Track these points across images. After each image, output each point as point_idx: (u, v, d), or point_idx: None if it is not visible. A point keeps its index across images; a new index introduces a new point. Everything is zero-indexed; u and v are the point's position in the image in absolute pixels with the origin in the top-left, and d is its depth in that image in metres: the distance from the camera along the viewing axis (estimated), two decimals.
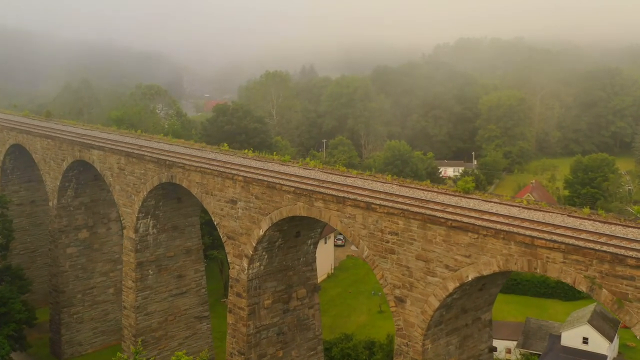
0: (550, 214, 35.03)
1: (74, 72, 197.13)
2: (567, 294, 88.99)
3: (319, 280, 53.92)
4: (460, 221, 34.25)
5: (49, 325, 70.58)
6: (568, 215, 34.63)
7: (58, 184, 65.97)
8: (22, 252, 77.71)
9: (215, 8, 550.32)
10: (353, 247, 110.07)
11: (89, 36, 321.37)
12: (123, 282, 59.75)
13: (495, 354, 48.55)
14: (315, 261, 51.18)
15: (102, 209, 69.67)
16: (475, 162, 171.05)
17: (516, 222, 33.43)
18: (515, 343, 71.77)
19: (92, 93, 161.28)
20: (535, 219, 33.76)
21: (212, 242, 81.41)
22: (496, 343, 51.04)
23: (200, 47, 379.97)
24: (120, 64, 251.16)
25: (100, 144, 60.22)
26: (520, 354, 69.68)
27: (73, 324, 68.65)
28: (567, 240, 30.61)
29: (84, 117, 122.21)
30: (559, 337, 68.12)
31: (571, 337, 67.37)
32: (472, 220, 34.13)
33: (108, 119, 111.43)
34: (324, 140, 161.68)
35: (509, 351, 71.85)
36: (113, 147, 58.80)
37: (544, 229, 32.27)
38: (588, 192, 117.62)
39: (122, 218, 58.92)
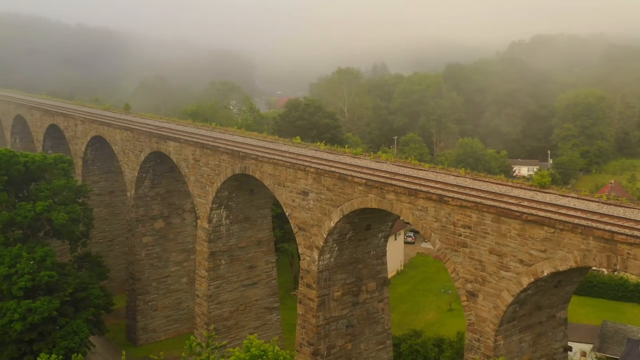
0: (632, 209, 33.78)
1: (150, 69, 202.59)
2: None
3: (389, 276, 53.71)
4: (536, 215, 33.47)
5: (125, 312, 72.96)
6: None
7: (136, 174, 68.01)
8: (101, 241, 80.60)
9: (287, 7, 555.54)
10: (423, 245, 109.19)
11: (165, 34, 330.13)
12: (196, 271, 61.13)
13: (570, 354, 47.14)
14: (385, 255, 51.01)
15: (176, 200, 71.43)
16: (550, 161, 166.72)
17: (595, 217, 32.41)
18: (590, 346, 69.62)
19: (168, 89, 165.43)
20: (615, 214, 32.65)
21: (282, 235, 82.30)
22: (570, 345, 49.62)
23: (273, 45, 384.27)
24: (194, 61, 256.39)
25: (177, 136, 61.73)
26: (596, 357, 67.57)
27: (148, 311, 70.66)
28: None
29: (160, 112, 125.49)
30: (637, 342, 65.62)
31: None
32: (548, 214, 33.29)
33: (183, 113, 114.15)
34: (395, 137, 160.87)
35: (583, 354, 69.71)
36: (188, 138, 60.17)
37: (625, 224, 31.13)
38: None
39: (196, 208, 60.26)
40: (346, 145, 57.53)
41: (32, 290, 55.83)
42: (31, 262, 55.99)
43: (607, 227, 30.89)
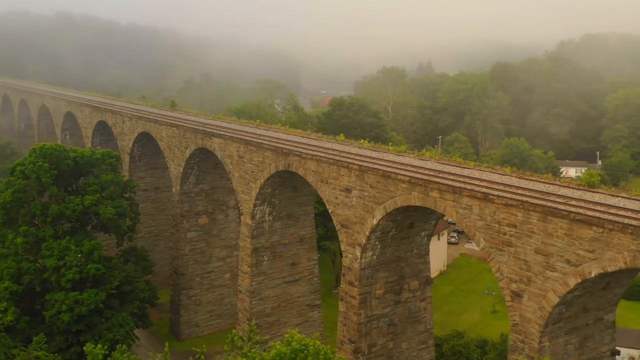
0: None
1: (197, 67, 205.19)
2: None
3: (431, 276, 53.17)
4: (584, 214, 32.73)
5: (169, 306, 73.85)
6: None
7: (181, 170, 68.81)
8: (147, 236, 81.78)
9: (334, 8, 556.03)
10: (467, 245, 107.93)
11: (213, 34, 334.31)
12: (239, 267, 61.56)
13: (618, 358, 46.03)
14: (428, 254, 50.55)
15: (221, 196, 72.05)
16: (599, 162, 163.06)
17: None
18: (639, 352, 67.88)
19: (214, 87, 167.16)
20: None
21: (325, 233, 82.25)
22: (618, 349, 48.51)
23: (319, 45, 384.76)
24: (240, 61, 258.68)
25: (221, 133, 62.26)
26: None
27: (191, 305, 71.42)
28: None
29: (205, 109, 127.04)
30: None
31: None
32: (597, 214, 32.51)
33: (228, 110, 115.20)
34: (440, 137, 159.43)
35: None
36: (233, 135, 60.61)
37: None
38: None
39: (239, 205, 60.68)
40: (390, 143, 57.10)
41: (79, 283, 56.98)
42: (79, 255, 57.08)
43: None
